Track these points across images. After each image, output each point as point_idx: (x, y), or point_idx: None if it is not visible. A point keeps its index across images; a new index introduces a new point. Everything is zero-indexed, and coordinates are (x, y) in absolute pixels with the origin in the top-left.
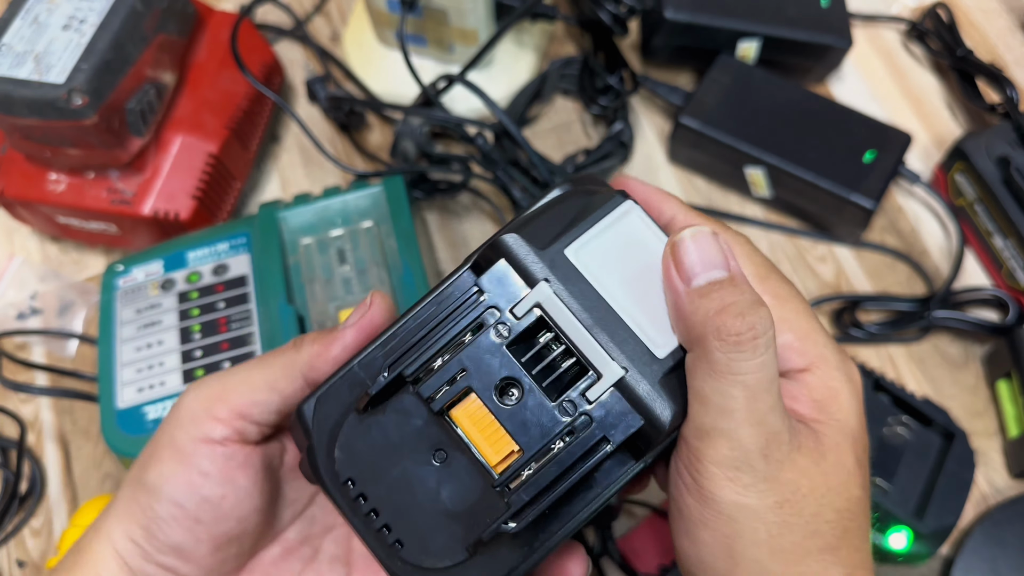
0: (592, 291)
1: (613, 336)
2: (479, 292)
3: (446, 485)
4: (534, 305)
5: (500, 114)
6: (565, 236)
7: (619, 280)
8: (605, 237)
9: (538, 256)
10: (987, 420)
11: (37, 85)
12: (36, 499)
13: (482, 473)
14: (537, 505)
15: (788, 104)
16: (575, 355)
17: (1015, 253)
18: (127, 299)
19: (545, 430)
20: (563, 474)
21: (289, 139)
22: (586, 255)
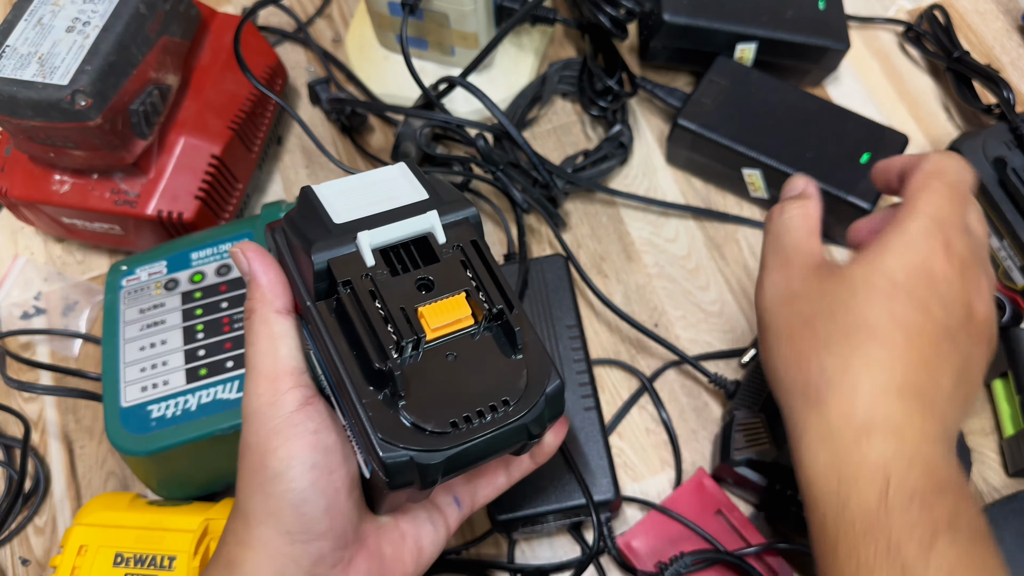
0: (377, 208)
1: (411, 213)
2: (343, 288)
3: (459, 369)
4: (370, 247)
5: (500, 116)
6: (324, 217)
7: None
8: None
9: (333, 239)
10: (983, 419)
11: (41, 87)
12: (40, 497)
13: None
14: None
15: (785, 106)
16: (405, 228)
17: (1011, 254)
18: (131, 299)
19: (459, 272)
20: (491, 268)
21: (292, 140)
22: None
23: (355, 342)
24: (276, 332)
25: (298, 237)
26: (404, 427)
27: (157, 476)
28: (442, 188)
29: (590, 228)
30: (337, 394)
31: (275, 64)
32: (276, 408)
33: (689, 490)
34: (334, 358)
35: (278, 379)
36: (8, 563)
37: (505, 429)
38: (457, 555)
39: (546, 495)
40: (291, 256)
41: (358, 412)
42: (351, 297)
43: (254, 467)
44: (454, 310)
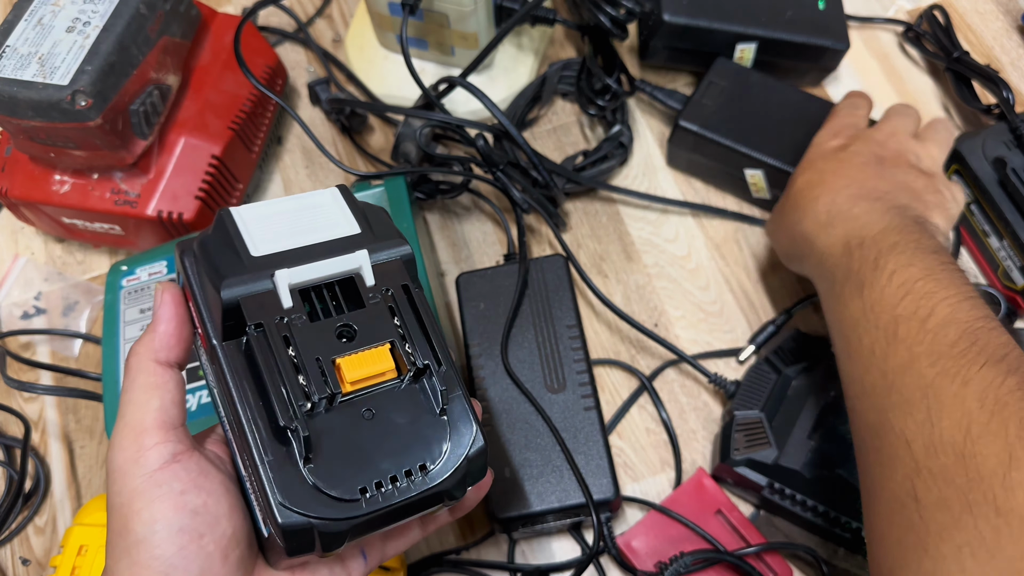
0: (294, 245)
1: (339, 250)
2: (253, 330)
3: (375, 427)
4: (288, 287)
5: (499, 116)
6: (238, 249)
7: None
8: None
9: (247, 274)
10: None
11: (42, 87)
12: (40, 497)
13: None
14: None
15: (785, 106)
16: (330, 267)
17: (1011, 253)
18: (131, 299)
19: (385, 320)
20: (420, 318)
21: (291, 140)
22: (260, 232)
23: (262, 390)
24: (152, 383)
25: (209, 266)
26: (308, 490)
27: None
28: (376, 220)
29: (590, 228)
30: (237, 445)
31: (275, 64)
32: (139, 465)
33: (689, 490)
34: (237, 406)
35: (144, 433)
36: (8, 563)
37: (419, 497)
38: (457, 555)
39: (546, 495)
40: (199, 285)
41: (259, 469)
42: (261, 342)
43: (118, 530)
44: (375, 363)
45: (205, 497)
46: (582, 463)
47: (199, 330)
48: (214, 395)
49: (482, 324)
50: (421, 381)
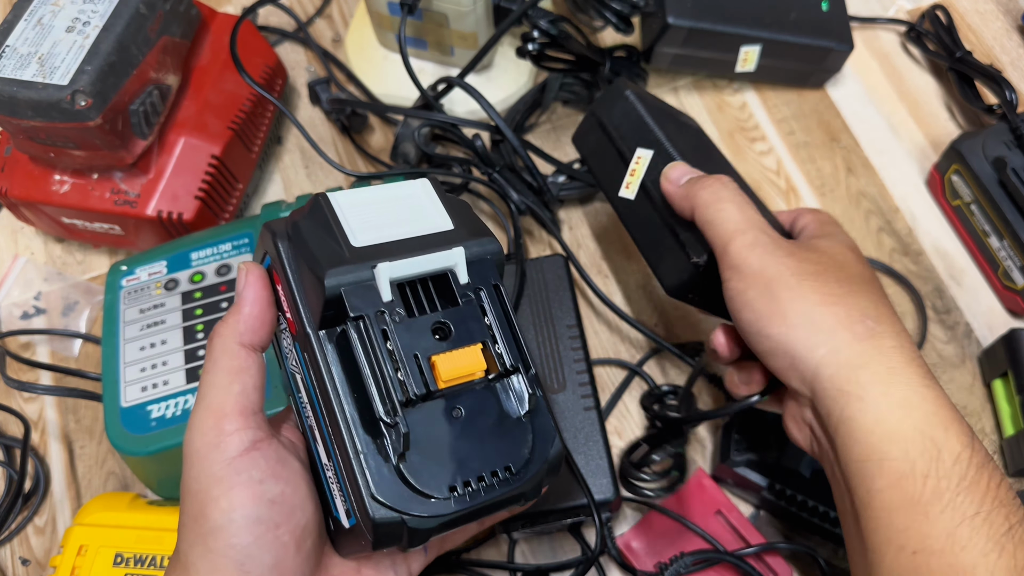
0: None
1: (434, 245)
2: (353, 323)
3: (465, 426)
4: (388, 280)
5: (495, 117)
6: (340, 242)
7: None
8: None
9: (350, 265)
10: (983, 419)
11: (41, 87)
12: (40, 497)
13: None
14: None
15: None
16: (430, 269)
17: (1011, 254)
18: (131, 299)
19: (478, 319)
20: (510, 319)
21: (291, 140)
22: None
23: (357, 384)
24: (235, 366)
25: (308, 253)
26: (401, 487)
27: (157, 476)
28: (466, 216)
29: (590, 228)
30: (326, 434)
31: (275, 64)
32: (219, 451)
33: (689, 490)
34: (331, 396)
35: (225, 418)
36: (8, 563)
37: (503, 497)
38: (457, 555)
39: (546, 495)
40: (295, 271)
41: (351, 462)
42: (363, 334)
43: (194, 516)
44: (469, 362)
45: (283, 486)
46: (582, 463)
47: (287, 314)
48: (295, 381)
49: None
50: (505, 381)
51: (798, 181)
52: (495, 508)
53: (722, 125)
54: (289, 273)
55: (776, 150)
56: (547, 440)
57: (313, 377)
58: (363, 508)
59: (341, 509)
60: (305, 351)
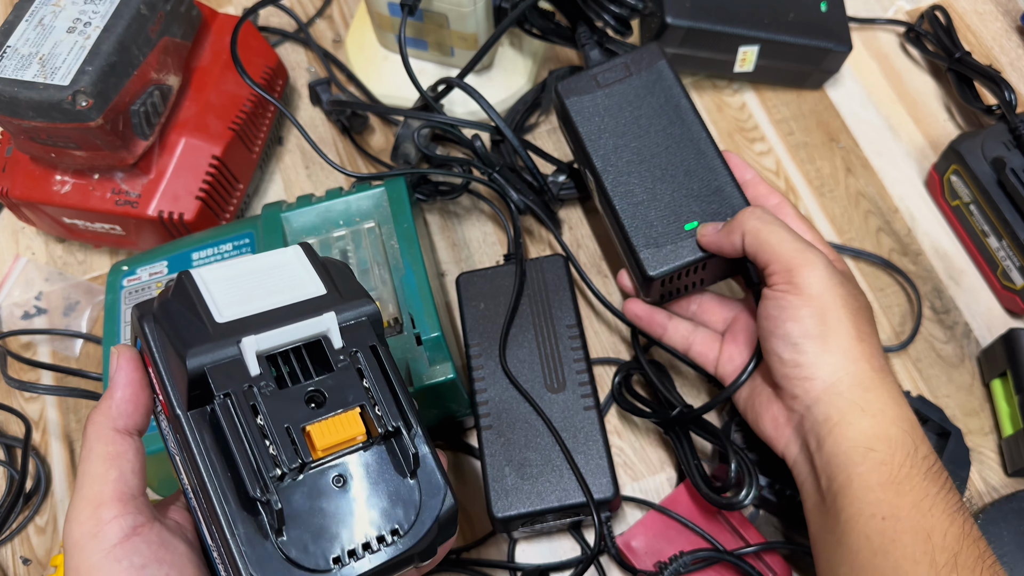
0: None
1: (305, 312)
2: (220, 399)
3: (347, 493)
4: (255, 354)
5: (495, 117)
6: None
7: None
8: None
9: (213, 342)
10: (982, 419)
11: (42, 87)
12: (41, 497)
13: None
14: (406, 405)
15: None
16: (298, 332)
17: (1010, 254)
18: (132, 299)
19: (354, 383)
20: (389, 379)
21: (292, 141)
22: (228, 304)
23: (230, 461)
24: (111, 452)
25: (172, 334)
26: (280, 563)
27: (158, 476)
28: (341, 278)
29: (590, 228)
30: (204, 516)
31: (275, 65)
32: (97, 540)
33: (688, 490)
34: (204, 477)
35: (102, 506)
36: (9, 562)
37: (393, 562)
38: (457, 555)
39: (546, 494)
40: (162, 352)
41: (228, 541)
42: (228, 412)
43: None
44: (346, 428)
45: (167, 570)
46: (582, 463)
47: (160, 396)
48: (176, 463)
49: (482, 324)
50: (390, 442)
51: (797, 181)
52: (386, 573)
53: (721, 125)
54: (156, 355)
55: (775, 150)
56: (435, 496)
57: (187, 458)
58: None
59: None
60: (176, 432)
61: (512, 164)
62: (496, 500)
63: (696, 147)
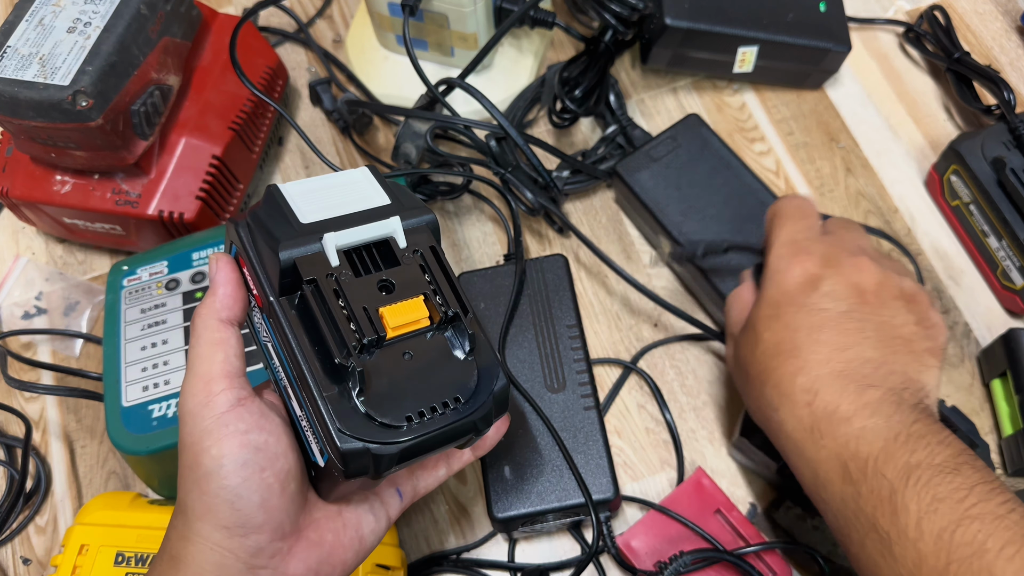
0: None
1: (374, 217)
2: (307, 286)
3: (415, 366)
4: (335, 248)
5: (500, 118)
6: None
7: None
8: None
9: (300, 238)
10: (982, 419)
11: (42, 87)
12: (41, 497)
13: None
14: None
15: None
16: (369, 231)
17: (1010, 254)
18: (132, 299)
19: (418, 276)
20: (447, 274)
21: (292, 141)
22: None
23: (317, 338)
24: (217, 338)
25: (264, 234)
26: (362, 419)
27: (158, 475)
28: (403, 194)
29: (590, 228)
30: (295, 386)
31: (276, 65)
32: (209, 409)
33: (688, 490)
34: (295, 352)
35: (212, 381)
36: (9, 562)
37: (455, 425)
38: (457, 555)
39: (546, 494)
40: (255, 252)
41: (318, 404)
42: (315, 295)
43: (189, 465)
44: (413, 312)
45: (266, 436)
46: (582, 463)
47: (254, 292)
48: (268, 350)
49: (482, 323)
50: (448, 330)
51: (797, 181)
52: (451, 437)
53: (721, 126)
54: (250, 253)
55: (775, 150)
56: (492, 375)
57: (279, 339)
58: (331, 441)
59: (316, 451)
60: (271, 318)
61: (516, 161)
62: (496, 500)
63: (756, 197)
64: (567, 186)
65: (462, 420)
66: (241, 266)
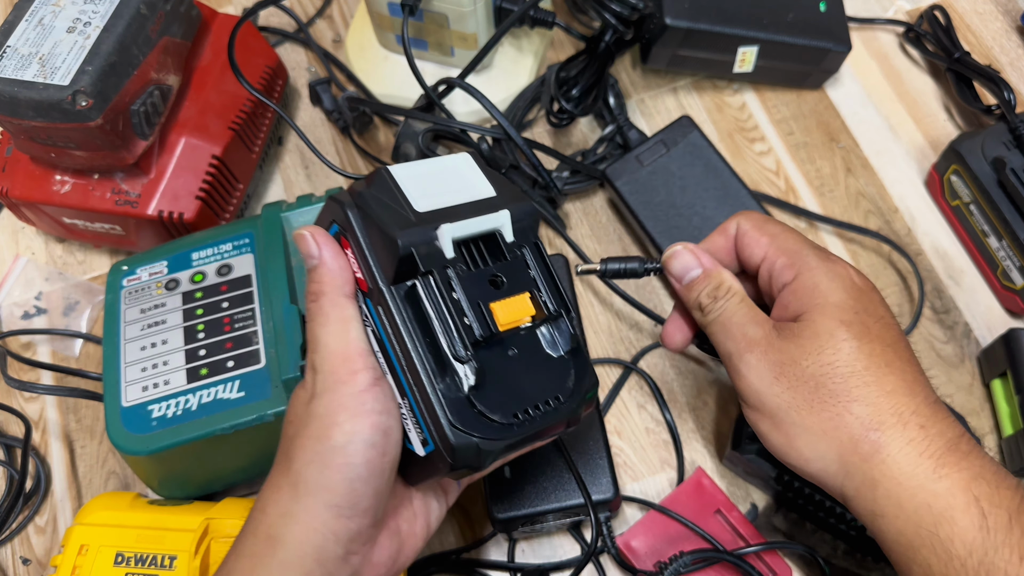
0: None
1: (483, 209)
2: (423, 277)
3: (520, 363)
4: (451, 240)
5: (500, 119)
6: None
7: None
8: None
9: (418, 227)
10: (982, 419)
11: (42, 87)
12: (41, 497)
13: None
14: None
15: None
16: (481, 224)
17: (1010, 254)
18: (132, 299)
19: (524, 271)
20: (550, 271)
21: (292, 141)
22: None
23: (425, 329)
24: (347, 315)
25: (378, 218)
26: (472, 414)
27: (158, 476)
28: (503, 184)
29: (590, 228)
30: (404, 375)
31: (275, 65)
32: (348, 386)
33: (688, 490)
34: (406, 342)
35: (350, 359)
36: (9, 562)
37: (554, 423)
38: (457, 555)
39: (546, 494)
40: (365, 235)
41: (429, 396)
42: (432, 286)
43: (317, 435)
44: (521, 308)
45: (392, 421)
46: (581, 463)
47: (357, 275)
48: (370, 339)
49: None
50: (546, 325)
51: (797, 181)
52: (547, 435)
53: (721, 125)
54: (360, 236)
55: (775, 150)
56: (586, 373)
57: (387, 327)
58: (443, 434)
59: (416, 441)
60: (379, 305)
61: (515, 161)
62: (496, 501)
63: (742, 204)
64: (566, 186)
65: (560, 418)
66: (343, 247)
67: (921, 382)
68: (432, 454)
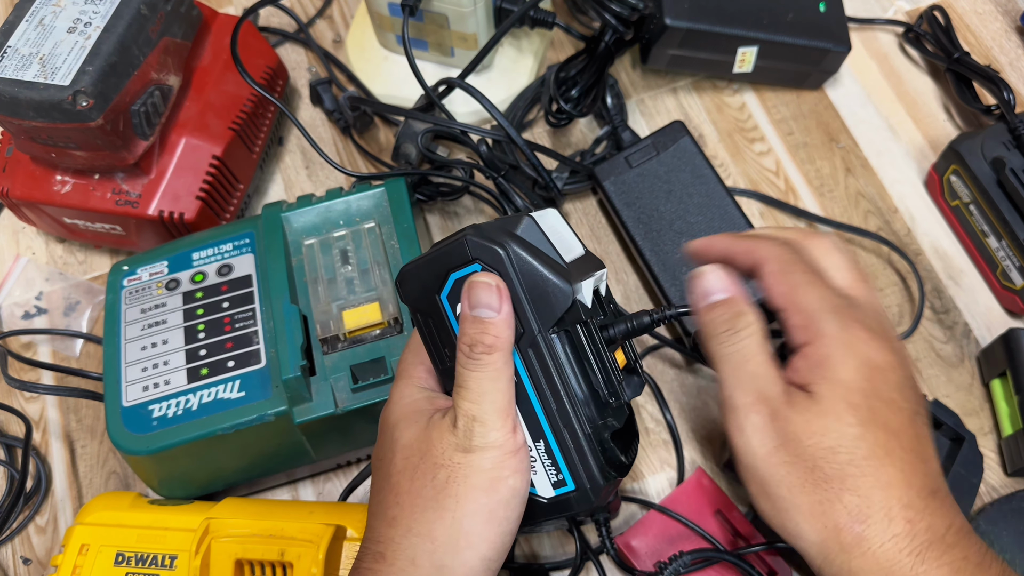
0: None
1: (588, 264)
2: (583, 327)
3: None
4: (591, 291)
5: (500, 119)
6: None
7: None
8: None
9: (575, 280)
10: (982, 419)
11: (43, 87)
12: (42, 497)
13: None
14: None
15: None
16: (598, 280)
17: (1010, 254)
18: (132, 299)
19: (616, 324)
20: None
21: (292, 141)
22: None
23: (585, 373)
24: (512, 373)
25: (540, 265)
26: (616, 457)
27: (158, 475)
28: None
29: (589, 228)
30: (549, 419)
31: (276, 65)
32: (511, 443)
33: (688, 490)
34: (570, 383)
35: (510, 417)
36: (9, 562)
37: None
38: None
39: None
40: (521, 280)
41: (579, 438)
42: (593, 334)
43: (484, 488)
44: (621, 359)
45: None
46: None
47: None
48: (521, 385)
49: None
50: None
51: (797, 182)
52: None
53: (721, 126)
54: (516, 281)
55: (775, 151)
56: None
57: (537, 371)
58: (590, 474)
59: (544, 484)
60: (529, 348)
61: (515, 161)
62: None
63: (724, 214)
64: (566, 186)
65: (631, 460)
66: None
67: (921, 471)
68: (569, 495)
